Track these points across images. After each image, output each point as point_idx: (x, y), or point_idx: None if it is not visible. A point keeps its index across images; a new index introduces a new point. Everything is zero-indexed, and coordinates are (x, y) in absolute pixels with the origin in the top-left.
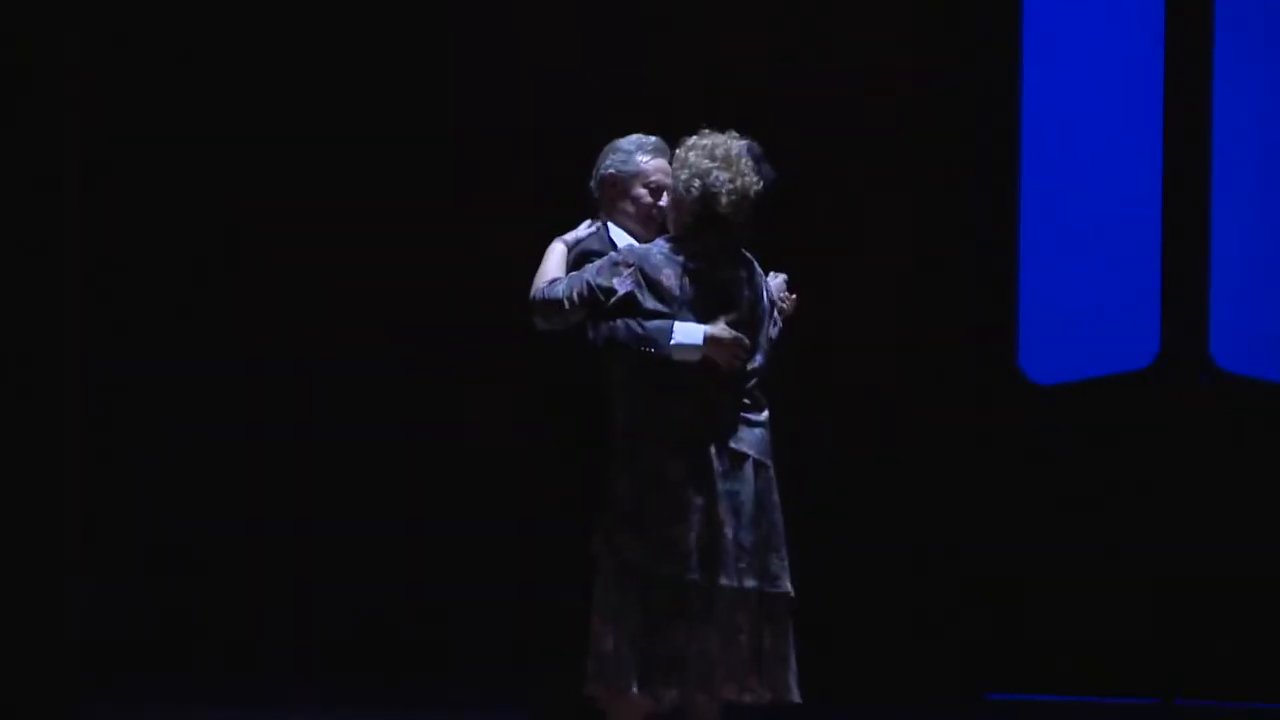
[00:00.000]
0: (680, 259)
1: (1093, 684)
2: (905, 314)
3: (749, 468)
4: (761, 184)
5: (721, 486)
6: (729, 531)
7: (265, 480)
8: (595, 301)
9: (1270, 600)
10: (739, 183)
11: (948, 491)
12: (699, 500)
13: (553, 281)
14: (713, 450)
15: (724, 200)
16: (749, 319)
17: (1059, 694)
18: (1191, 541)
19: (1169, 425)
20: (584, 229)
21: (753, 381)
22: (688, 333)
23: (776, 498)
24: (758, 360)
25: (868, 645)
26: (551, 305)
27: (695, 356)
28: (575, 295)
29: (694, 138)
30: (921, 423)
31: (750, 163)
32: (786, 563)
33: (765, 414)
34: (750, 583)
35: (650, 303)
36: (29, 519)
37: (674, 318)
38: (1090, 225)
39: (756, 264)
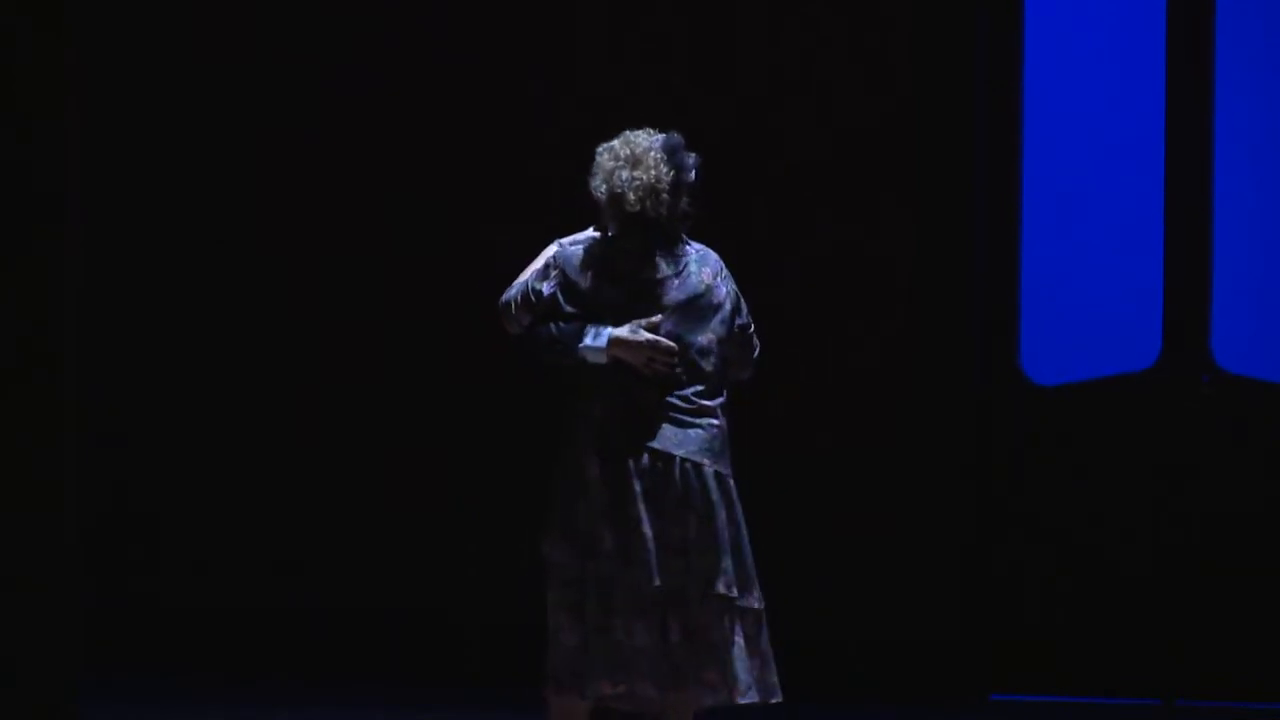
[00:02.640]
0: (604, 259)
1: (1095, 684)
2: (906, 315)
3: (677, 468)
4: (673, 175)
5: (639, 485)
6: (647, 530)
7: (266, 480)
8: (530, 304)
9: (1271, 601)
10: (645, 178)
11: (949, 492)
12: (616, 498)
13: (512, 286)
14: (634, 449)
15: (631, 198)
16: (679, 319)
17: (1061, 694)
18: (1192, 541)
19: (1171, 426)
20: (586, 233)
21: (691, 381)
22: (595, 335)
23: (717, 498)
24: (699, 360)
25: (869, 645)
26: (504, 309)
27: (603, 359)
28: (519, 298)
29: (611, 141)
30: (923, 424)
31: (660, 156)
32: (728, 563)
33: (708, 416)
34: (675, 581)
35: (569, 306)
36: (29, 518)
37: (590, 319)
38: (1092, 226)
39: (704, 260)
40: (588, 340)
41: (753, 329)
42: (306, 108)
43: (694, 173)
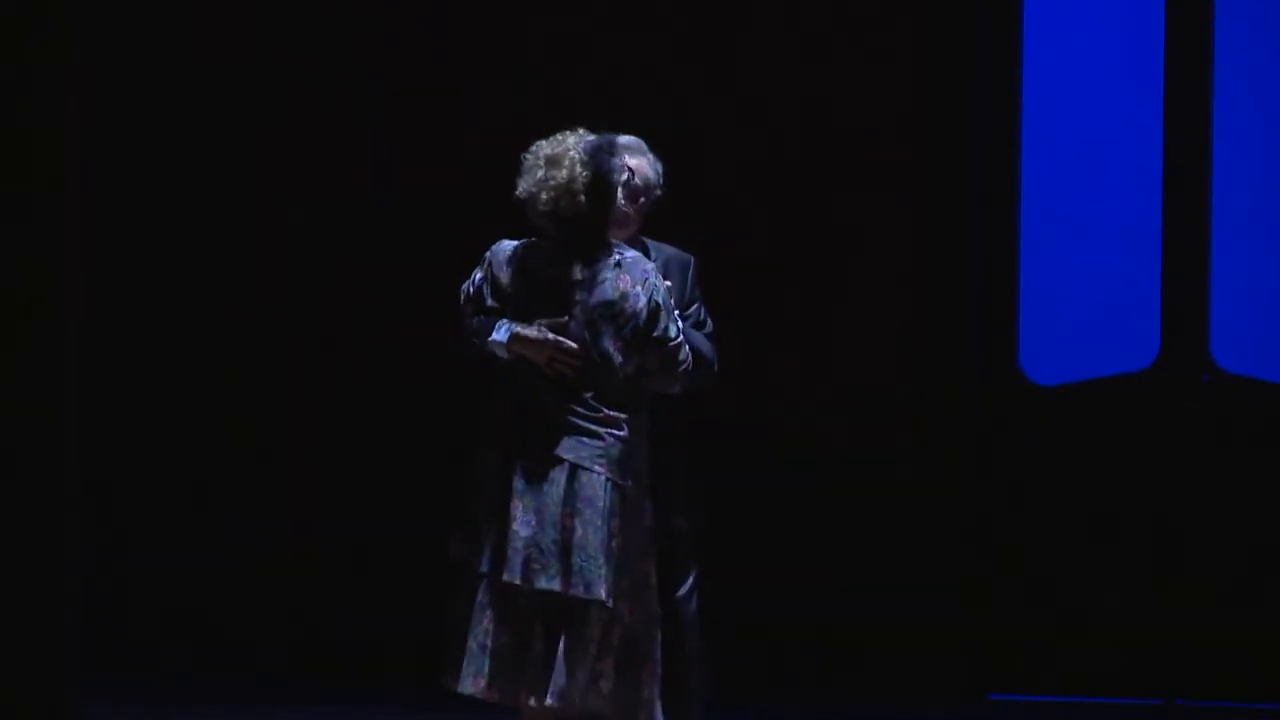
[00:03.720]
0: (523, 258)
1: (1095, 684)
2: (906, 315)
3: (563, 471)
4: (589, 175)
5: (521, 485)
6: (520, 529)
7: (266, 480)
8: (468, 296)
9: (1271, 600)
10: (559, 177)
11: (949, 492)
12: (498, 497)
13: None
14: (524, 451)
15: (544, 198)
16: (588, 323)
17: (1061, 694)
18: (1192, 541)
19: (1170, 426)
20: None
21: (596, 387)
22: (501, 330)
23: (605, 505)
24: (605, 367)
25: (869, 645)
26: (459, 298)
27: (504, 354)
28: (466, 290)
29: (540, 141)
30: (923, 424)
31: (579, 156)
32: (608, 571)
33: (611, 425)
34: (546, 583)
35: (490, 300)
36: (29, 518)
37: (507, 315)
38: (1091, 226)
39: (629, 267)
40: (495, 334)
41: (677, 343)
42: (306, 108)
43: (624, 175)
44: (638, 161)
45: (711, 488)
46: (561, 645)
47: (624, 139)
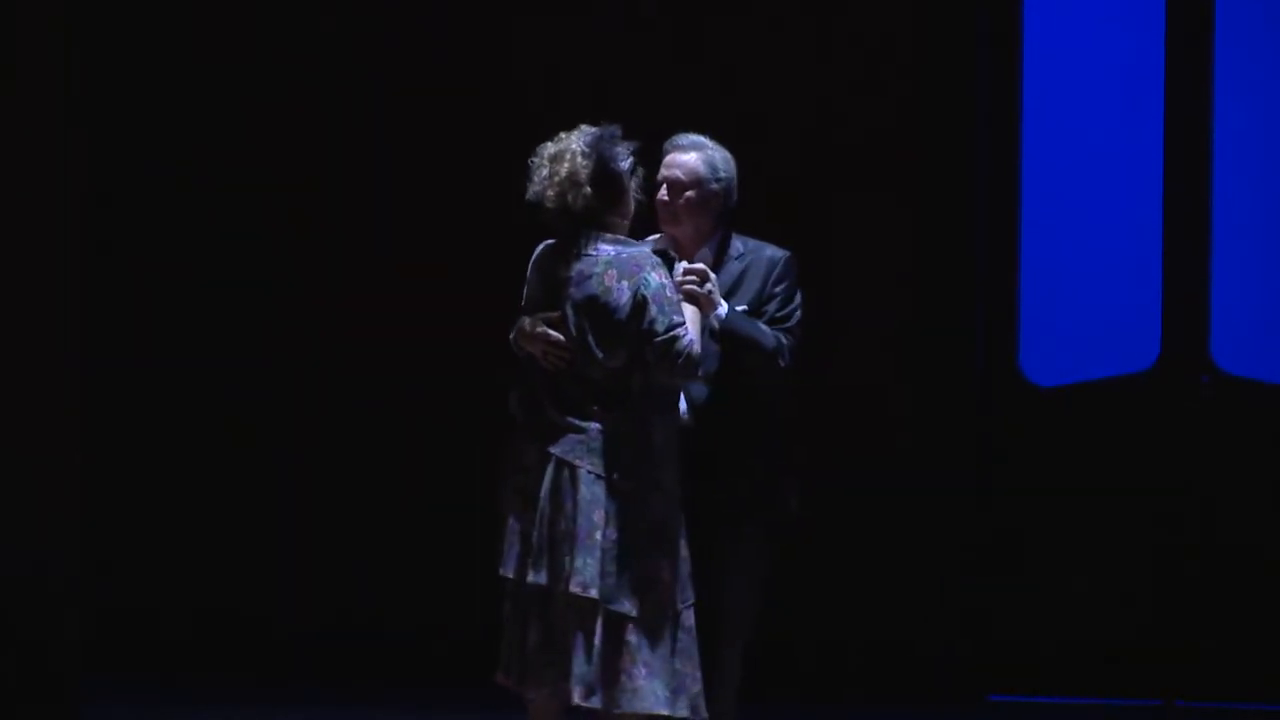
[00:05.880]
0: (541, 258)
1: (1094, 685)
2: (906, 315)
3: (551, 465)
4: (593, 165)
5: (521, 481)
6: (516, 524)
7: (265, 480)
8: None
9: (1271, 601)
10: (561, 172)
11: (949, 492)
12: (509, 496)
13: None
14: (526, 445)
15: (550, 195)
16: (581, 318)
17: (1060, 695)
18: (1192, 542)
19: (1170, 427)
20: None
21: (584, 381)
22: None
23: (588, 498)
24: (591, 361)
25: (869, 646)
26: None
27: (517, 351)
28: None
29: (545, 143)
30: (922, 424)
31: (580, 149)
32: (585, 563)
33: (593, 418)
34: (533, 578)
35: (525, 301)
36: (29, 518)
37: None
38: (1091, 226)
39: (618, 263)
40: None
41: (667, 338)
42: (306, 108)
43: (627, 162)
44: (687, 157)
45: None
46: (572, 640)
47: (683, 138)
